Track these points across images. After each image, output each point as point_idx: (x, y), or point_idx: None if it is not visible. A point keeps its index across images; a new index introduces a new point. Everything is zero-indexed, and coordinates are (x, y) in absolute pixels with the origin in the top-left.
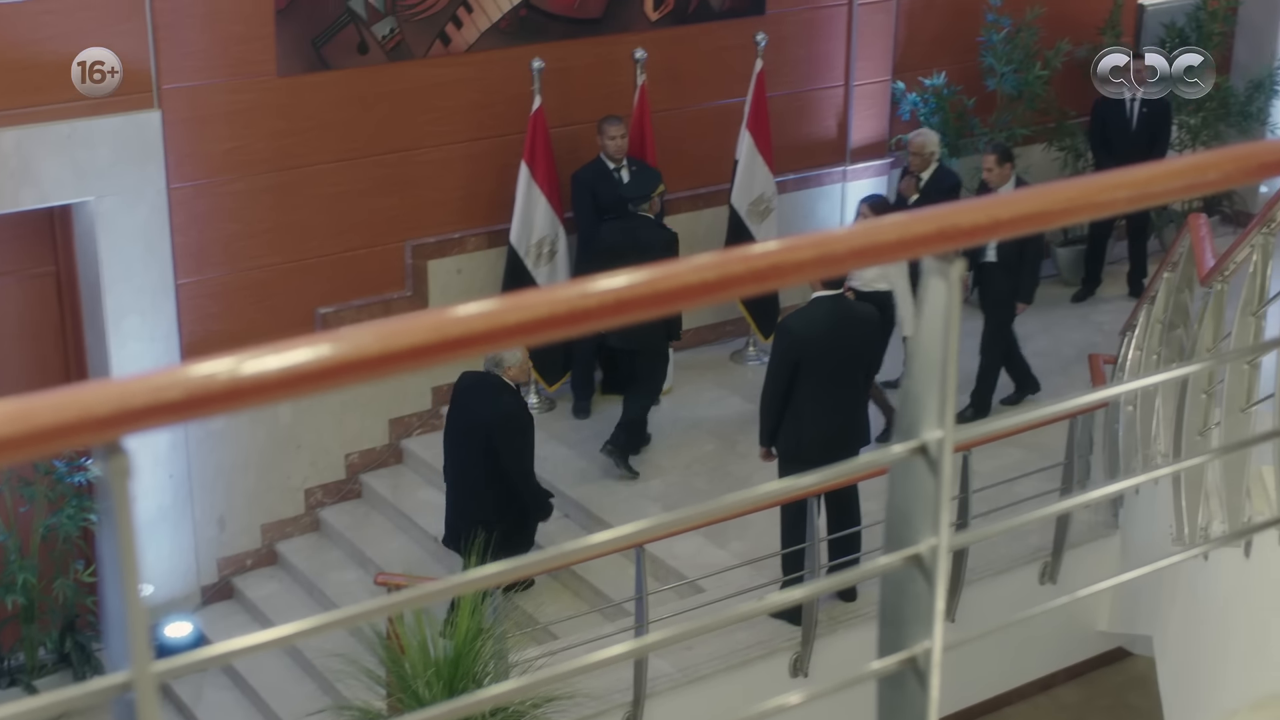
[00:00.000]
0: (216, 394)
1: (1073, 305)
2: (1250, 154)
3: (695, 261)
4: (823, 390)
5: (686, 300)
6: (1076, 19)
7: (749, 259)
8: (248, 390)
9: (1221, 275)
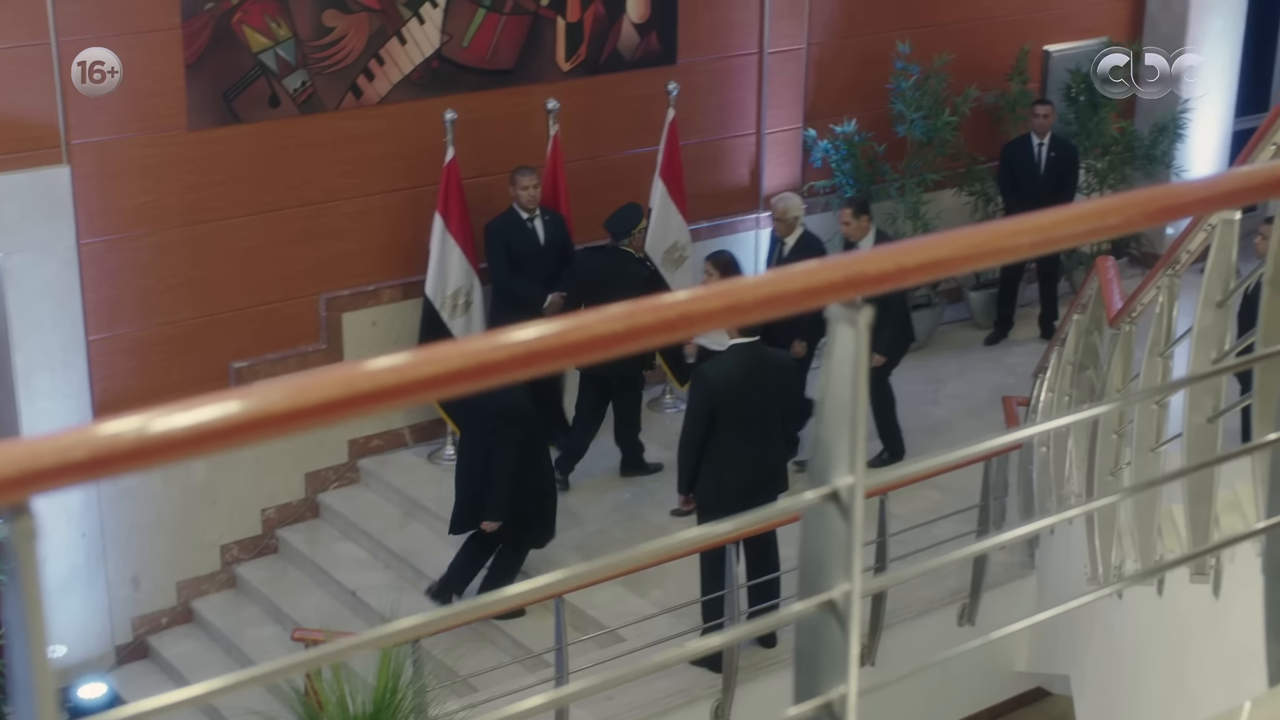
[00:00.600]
0: (123, 453)
1: (986, 348)
2: (1151, 198)
3: (604, 313)
4: (740, 437)
5: (597, 351)
6: (984, 66)
7: (658, 309)
8: (155, 449)
9: (1129, 317)
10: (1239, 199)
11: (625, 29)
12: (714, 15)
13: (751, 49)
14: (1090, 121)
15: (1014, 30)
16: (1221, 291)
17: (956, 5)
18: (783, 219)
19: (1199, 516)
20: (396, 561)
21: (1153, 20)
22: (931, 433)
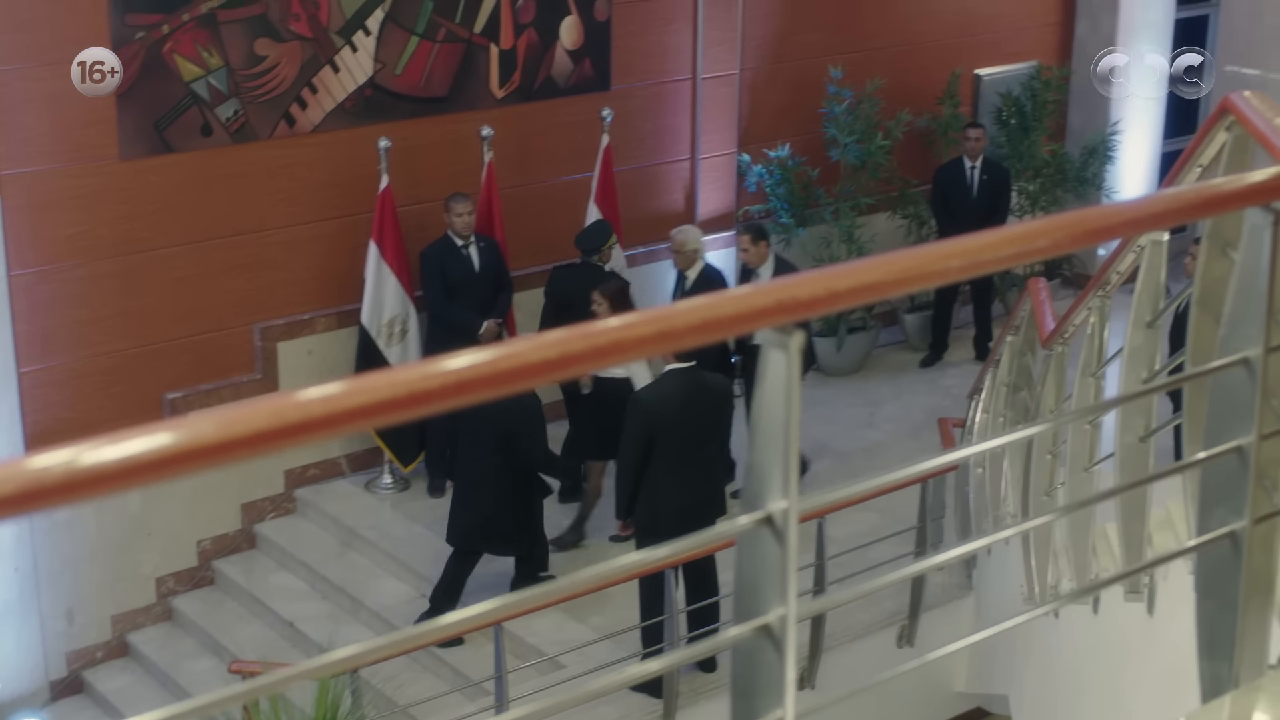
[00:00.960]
0: (52, 487)
1: (921, 370)
2: (1077, 221)
3: (537, 340)
4: (678, 462)
5: (529, 379)
6: (916, 90)
7: (590, 336)
8: (85, 483)
9: (1061, 338)
10: (1164, 221)
11: (559, 56)
12: (647, 41)
13: (685, 75)
14: (1021, 144)
15: (945, 55)
16: (1151, 312)
17: (888, 30)
18: (681, 251)
19: (1132, 535)
20: (334, 591)
21: (1081, 43)
22: (868, 455)
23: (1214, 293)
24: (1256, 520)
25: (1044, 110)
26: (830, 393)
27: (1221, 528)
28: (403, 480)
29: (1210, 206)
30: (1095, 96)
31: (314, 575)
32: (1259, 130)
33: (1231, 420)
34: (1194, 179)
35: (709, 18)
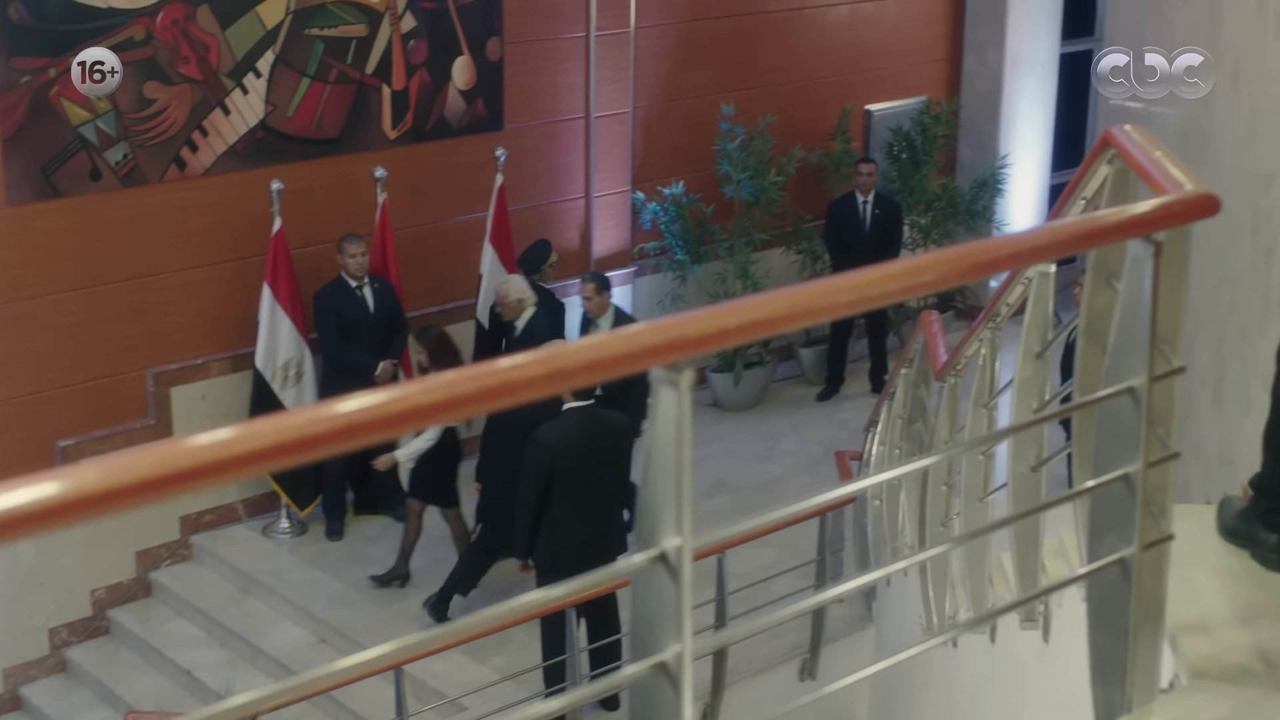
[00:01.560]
0: None
1: (818, 404)
2: (963, 255)
3: (426, 383)
4: (578, 500)
5: (419, 421)
6: (808, 126)
7: (478, 378)
8: None
9: (954, 369)
10: (1049, 254)
11: (451, 96)
12: (540, 81)
13: (578, 113)
14: (913, 179)
15: (836, 91)
16: (1040, 343)
17: (779, 67)
18: (504, 303)
19: (1026, 564)
20: (232, 638)
21: (969, 78)
22: (766, 490)
23: (1099, 323)
24: (1145, 546)
25: (934, 144)
26: (728, 428)
27: (1111, 555)
28: (300, 524)
29: (1093, 238)
30: (984, 130)
31: (211, 622)
32: (1139, 163)
33: (1119, 448)
34: (1078, 211)
35: (601, 57)
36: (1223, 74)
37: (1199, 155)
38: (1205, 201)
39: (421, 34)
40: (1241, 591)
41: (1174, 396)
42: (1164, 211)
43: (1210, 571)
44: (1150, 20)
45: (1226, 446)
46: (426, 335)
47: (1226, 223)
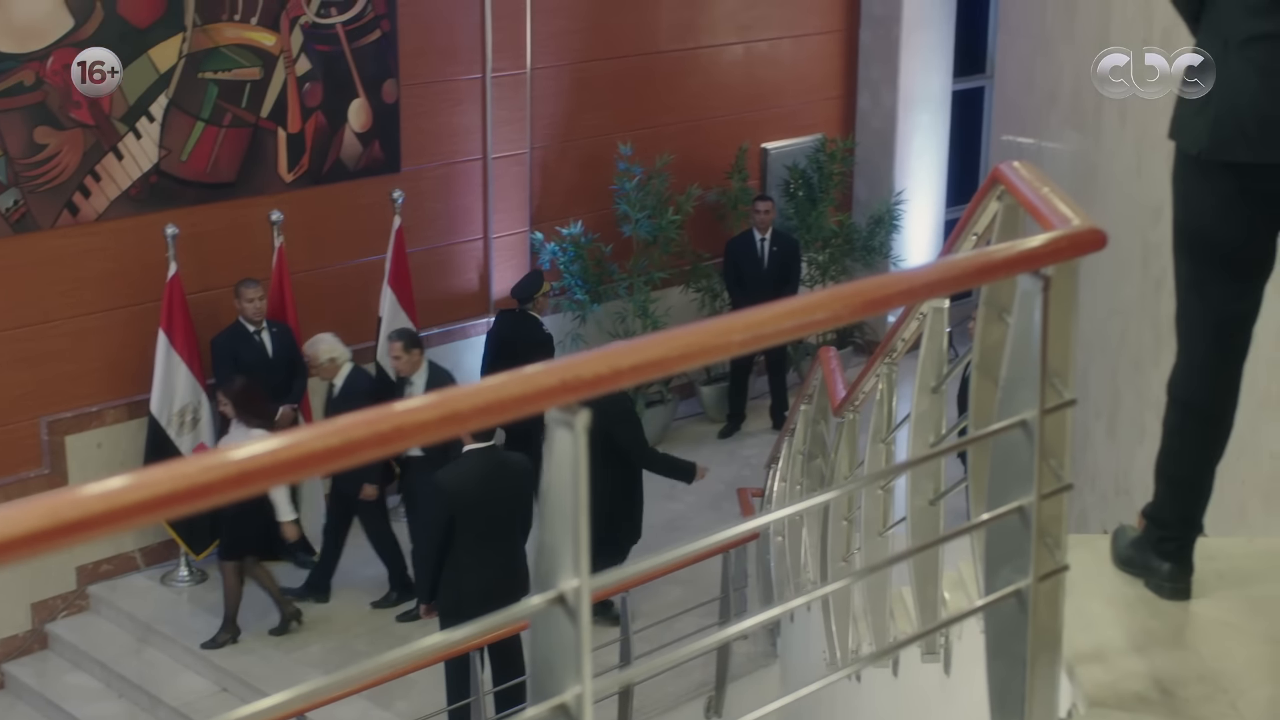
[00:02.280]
0: None
1: (720, 441)
2: (855, 292)
3: (319, 429)
4: (480, 543)
5: (315, 467)
6: (705, 164)
7: (372, 423)
8: None
9: (852, 405)
10: (941, 289)
11: (348, 138)
12: (436, 123)
13: (475, 155)
14: (810, 216)
15: (732, 130)
16: (935, 377)
17: (676, 107)
18: (315, 364)
19: (926, 597)
20: (131, 689)
21: (864, 116)
22: (670, 528)
23: (992, 357)
24: (1040, 578)
25: (830, 182)
26: None
27: (1008, 586)
28: (199, 572)
29: (983, 274)
30: (879, 167)
31: (110, 674)
32: (1027, 199)
33: (1013, 481)
34: (970, 247)
35: (498, 98)
36: (1109, 109)
37: (1089, 189)
38: (1092, 236)
39: (317, 77)
40: (1137, 620)
41: (1066, 429)
42: (1052, 247)
43: (1106, 601)
44: (1039, 58)
45: (1122, 476)
46: (230, 387)
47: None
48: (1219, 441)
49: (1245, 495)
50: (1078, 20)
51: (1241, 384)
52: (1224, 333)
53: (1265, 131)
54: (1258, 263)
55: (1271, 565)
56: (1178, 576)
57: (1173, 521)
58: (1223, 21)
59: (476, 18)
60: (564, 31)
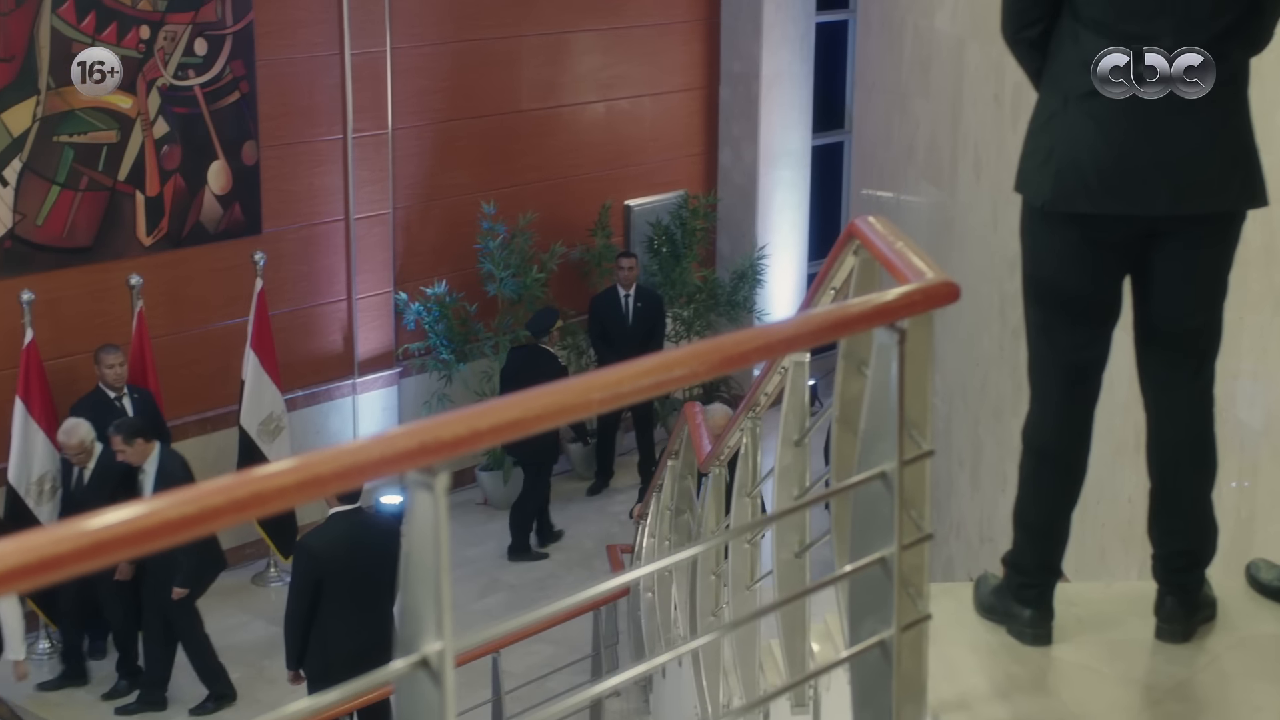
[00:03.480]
0: None
1: (589, 498)
2: (713, 349)
3: (174, 497)
4: (348, 607)
5: (169, 536)
6: (568, 222)
7: (229, 490)
8: None
9: (718, 460)
10: (799, 344)
11: (207, 201)
12: (297, 184)
13: (338, 215)
14: (674, 271)
15: (595, 187)
16: (798, 430)
17: (538, 165)
18: (68, 450)
19: (794, 649)
20: None
21: (726, 172)
22: (540, 586)
23: (852, 410)
24: (904, 628)
25: (693, 237)
26: (499, 526)
27: (872, 637)
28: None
29: (840, 328)
30: (742, 222)
31: None
32: (882, 254)
33: (874, 532)
34: (828, 301)
35: (359, 159)
36: (965, 163)
37: (947, 241)
38: (945, 289)
39: (175, 139)
40: (999, 666)
41: (925, 479)
42: (906, 300)
43: (969, 648)
44: (895, 113)
45: (986, 524)
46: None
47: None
48: (1073, 487)
49: (1105, 539)
50: (932, 76)
51: (1093, 430)
52: (1074, 379)
53: (1105, 183)
54: (1105, 310)
55: (1130, 608)
56: (1039, 622)
57: (1032, 568)
58: (1063, 77)
59: (336, 78)
60: (425, 91)
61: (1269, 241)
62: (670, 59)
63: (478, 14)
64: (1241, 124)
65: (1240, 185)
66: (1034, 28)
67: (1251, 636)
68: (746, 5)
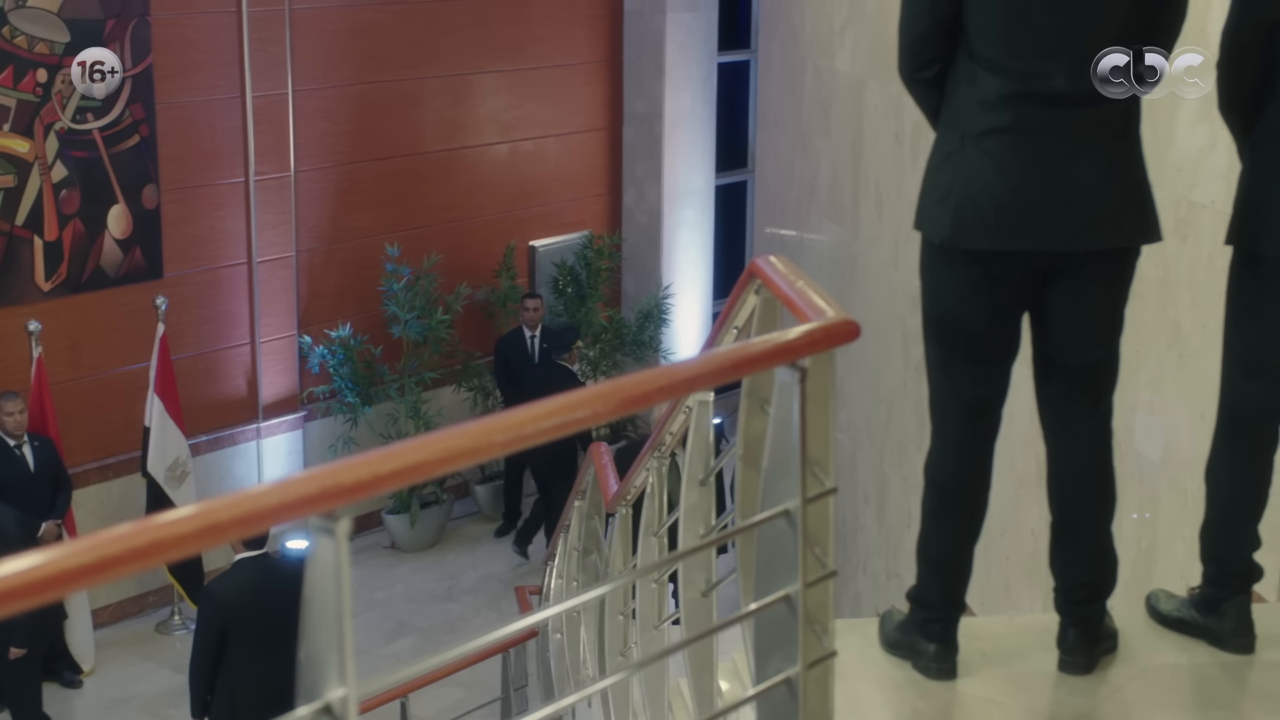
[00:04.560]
0: None
1: (497, 540)
2: (614, 390)
3: (70, 546)
4: (253, 653)
5: (67, 586)
6: (473, 264)
7: (127, 539)
8: None
9: (624, 500)
10: (700, 384)
11: (108, 245)
12: (199, 228)
13: (240, 259)
14: (579, 312)
15: (500, 228)
16: (703, 469)
17: (443, 207)
18: None
19: (702, 688)
20: None
21: (630, 212)
22: (450, 629)
23: (755, 448)
24: (809, 665)
25: (599, 277)
26: (406, 569)
27: (777, 675)
28: None
29: (741, 367)
30: (647, 262)
31: None
32: (783, 293)
33: (778, 570)
34: (731, 340)
35: (262, 202)
36: (867, 202)
37: (849, 279)
38: (846, 327)
39: (74, 183)
40: (905, 702)
41: (828, 517)
42: (807, 339)
43: (875, 684)
44: (797, 152)
45: (892, 559)
46: None
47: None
48: (975, 522)
49: (1009, 572)
50: (833, 115)
51: (994, 464)
52: (974, 415)
53: (1003, 220)
54: (1004, 346)
55: (1033, 641)
56: (943, 657)
57: (936, 602)
58: (959, 117)
59: (238, 122)
60: (327, 134)
61: (1164, 276)
62: (574, 100)
63: (380, 56)
64: (1135, 161)
65: (1135, 221)
66: (930, 68)
67: (1152, 667)
68: (649, 46)
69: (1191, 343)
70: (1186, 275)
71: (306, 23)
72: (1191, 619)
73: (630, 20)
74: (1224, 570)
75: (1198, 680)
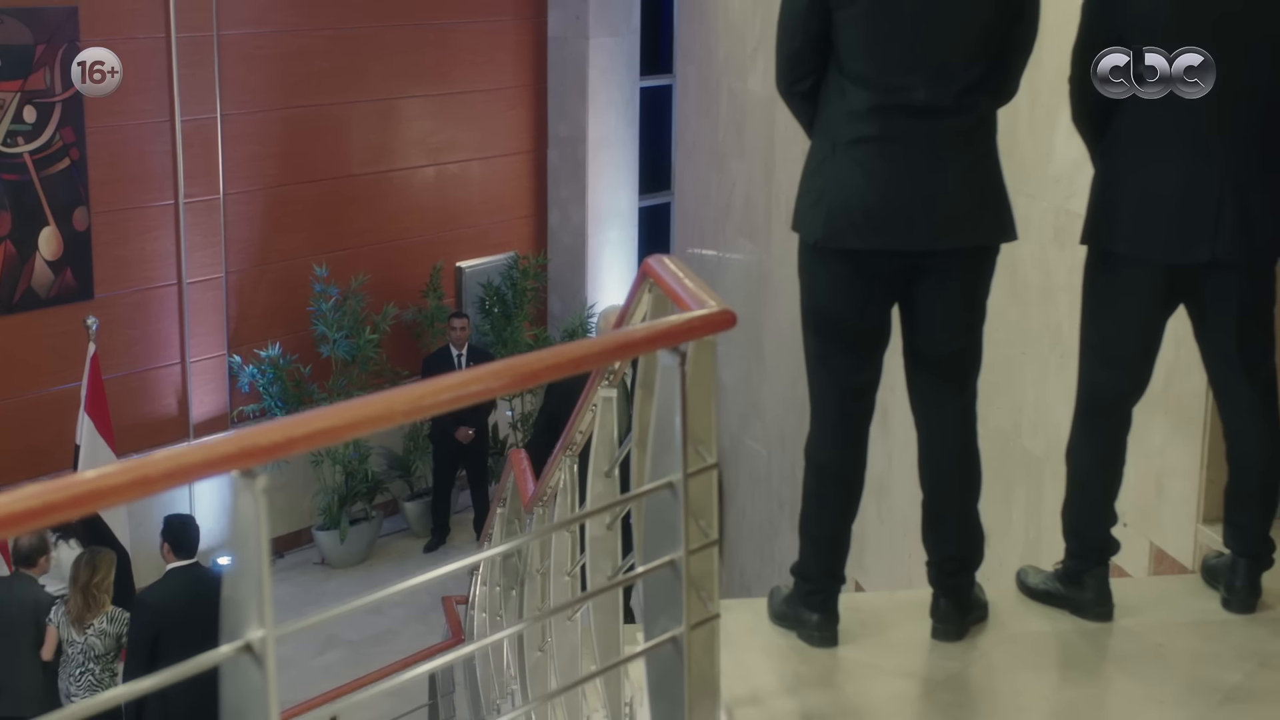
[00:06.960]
0: None
1: (425, 555)
2: (507, 368)
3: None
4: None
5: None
6: (400, 284)
7: (68, 487)
8: None
9: (541, 500)
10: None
11: (38, 267)
12: (129, 249)
13: (170, 280)
14: (505, 331)
15: (426, 249)
16: (608, 462)
17: (370, 228)
18: None
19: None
20: None
21: (555, 233)
22: (379, 642)
23: (646, 431)
24: (693, 626)
25: (524, 297)
26: (336, 585)
27: (664, 634)
28: None
29: (625, 350)
30: (572, 282)
31: None
32: (670, 289)
33: (664, 539)
34: None
35: (191, 224)
36: (778, 218)
37: (766, 293)
38: (723, 317)
39: (4, 206)
40: (789, 666)
41: (710, 490)
42: (687, 325)
43: (762, 652)
44: (713, 173)
45: None
46: None
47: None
48: (853, 500)
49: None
50: (746, 136)
51: (869, 446)
52: (849, 400)
53: (871, 221)
54: (875, 337)
55: (909, 613)
56: (825, 626)
57: (818, 575)
58: (831, 126)
59: (167, 144)
60: (256, 156)
61: (1045, 281)
62: (498, 124)
63: (307, 81)
64: (991, 166)
65: (991, 222)
66: (804, 82)
67: (1019, 634)
68: (572, 71)
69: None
70: (1066, 280)
71: (235, 47)
72: (1056, 590)
73: (554, 46)
74: (1084, 544)
75: (1060, 645)
